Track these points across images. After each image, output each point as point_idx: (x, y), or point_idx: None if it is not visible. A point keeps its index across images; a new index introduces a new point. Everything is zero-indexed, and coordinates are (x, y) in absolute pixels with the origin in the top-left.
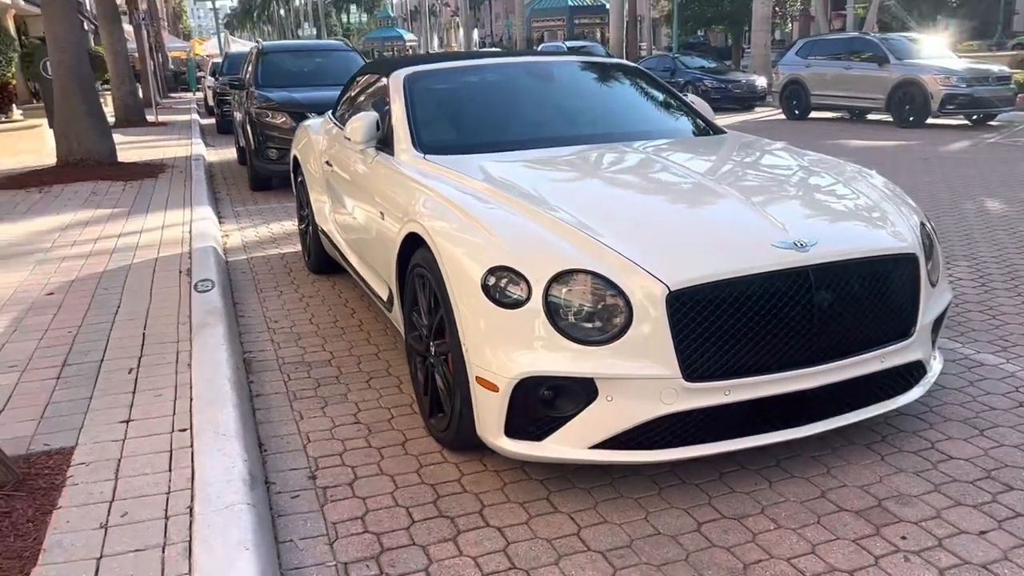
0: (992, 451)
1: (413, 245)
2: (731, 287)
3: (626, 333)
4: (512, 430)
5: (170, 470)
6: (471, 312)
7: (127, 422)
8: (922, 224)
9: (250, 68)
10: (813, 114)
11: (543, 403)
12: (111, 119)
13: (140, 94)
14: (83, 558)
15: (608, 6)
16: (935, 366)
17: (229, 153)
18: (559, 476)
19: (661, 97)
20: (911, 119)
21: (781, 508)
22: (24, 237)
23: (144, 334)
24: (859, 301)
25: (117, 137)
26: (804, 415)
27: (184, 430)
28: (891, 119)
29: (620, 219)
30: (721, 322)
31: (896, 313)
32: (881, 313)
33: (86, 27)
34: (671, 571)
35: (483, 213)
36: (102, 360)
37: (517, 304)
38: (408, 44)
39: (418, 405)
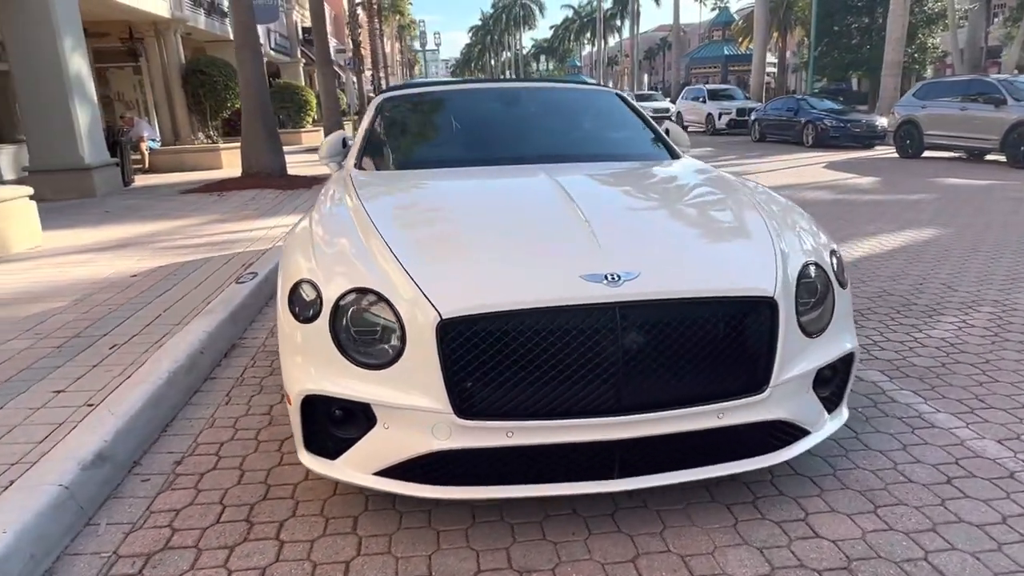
0: (872, 535)
1: None
2: (514, 319)
3: (399, 360)
4: (310, 446)
5: (40, 443)
6: (282, 323)
7: (58, 392)
8: (811, 265)
9: None
10: (926, 153)
11: (333, 423)
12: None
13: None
14: None
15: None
16: (824, 428)
17: None
18: (388, 495)
19: (627, 124)
20: None
21: (576, 569)
22: (169, 229)
23: (159, 315)
24: (686, 347)
25: (312, 156)
26: (631, 466)
27: (91, 406)
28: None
29: (444, 241)
30: (501, 357)
31: (742, 364)
32: (719, 363)
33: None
34: None
35: (320, 228)
36: (103, 335)
37: (311, 320)
38: None
39: None
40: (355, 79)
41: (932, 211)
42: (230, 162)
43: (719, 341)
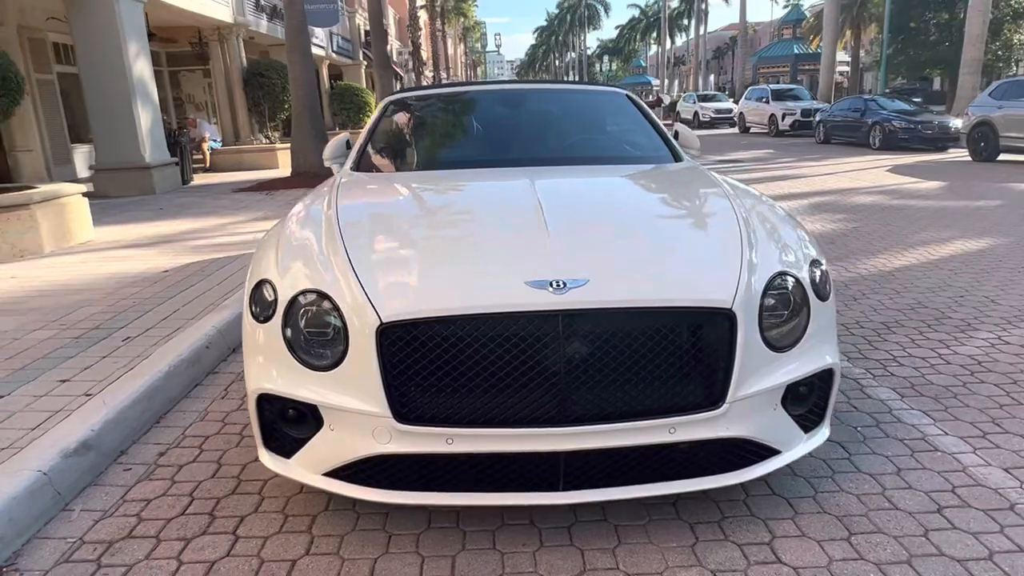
0: (838, 564)
1: None
2: (454, 325)
3: (343, 363)
4: (269, 444)
5: (33, 429)
6: (245, 321)
7: (63, 382)
8: (783, 276)
9: None
10: (1002, 156)
11: (286, 422)
12: None
13: None
14: None
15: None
16: (797, 448)
17: None
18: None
19: (630, 126)
20: None
21: None
22: (213, 226)
23: (177, 310)
24: (634, 358)
25: None
26: (577, 479)
27: (89, 396)
28: None
29: (400, 245)
30: (441, 363)
31: (696, 378)
32: (671, 376)
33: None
34: None
35: (291, 228)
36: (120, 328)
37: (268, 319)
38: (654, 87)
39: None
40: (415, 80)
41: (994, 219)
42: (286, 162)
43: (670, 353)
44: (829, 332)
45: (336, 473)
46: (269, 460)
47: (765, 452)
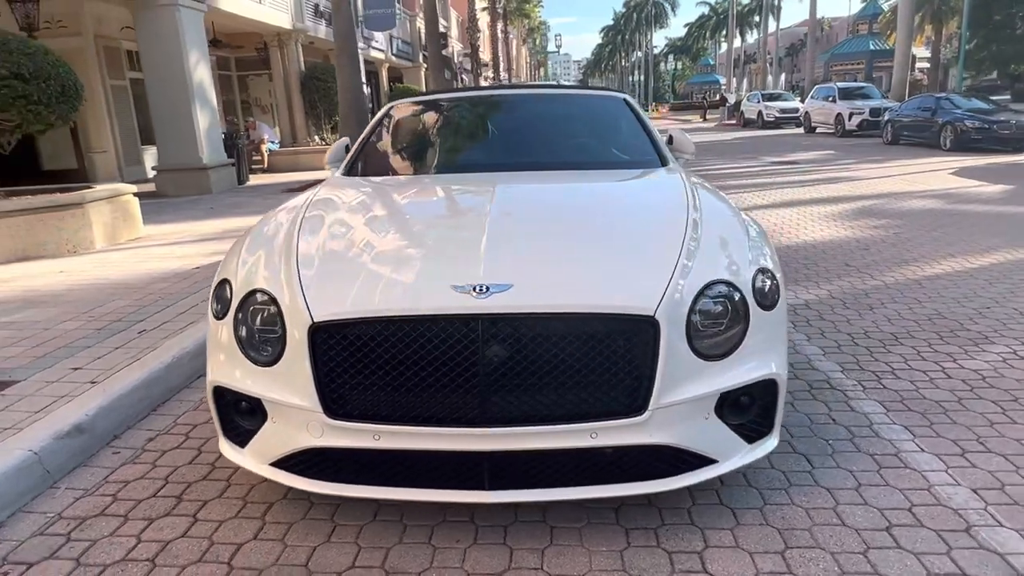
0: None
1: None
2: (380, 326)
3: (281, 360)
4: (228, 433)
5: (36, 412)
6: (209, 316)
7: (75, 369)
8: (719, 284)
9: None
10: None
11: (239, 413)
12: None
13: None
14: None
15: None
16: (736, 458)
17: None
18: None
19: (621, 130)
20: None
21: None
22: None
23: (195, 305)
24: (554, 363)
25: None
26: (502, 479)
27: (93, 383)
28: None
29: (346, 248)
30: (368, 362)
31: (619, 384)
32: (593, 381)
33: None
34: None
35: (262, 228)
36: (140, 321)
37: (224, 316)
38: (722, 86)
39: None
40: (474, 82)
41: None
42: None
43: (592, 359)
44: (774, 342)
45: (280, 463)
46: (228, 449)
47: (700, 461)
